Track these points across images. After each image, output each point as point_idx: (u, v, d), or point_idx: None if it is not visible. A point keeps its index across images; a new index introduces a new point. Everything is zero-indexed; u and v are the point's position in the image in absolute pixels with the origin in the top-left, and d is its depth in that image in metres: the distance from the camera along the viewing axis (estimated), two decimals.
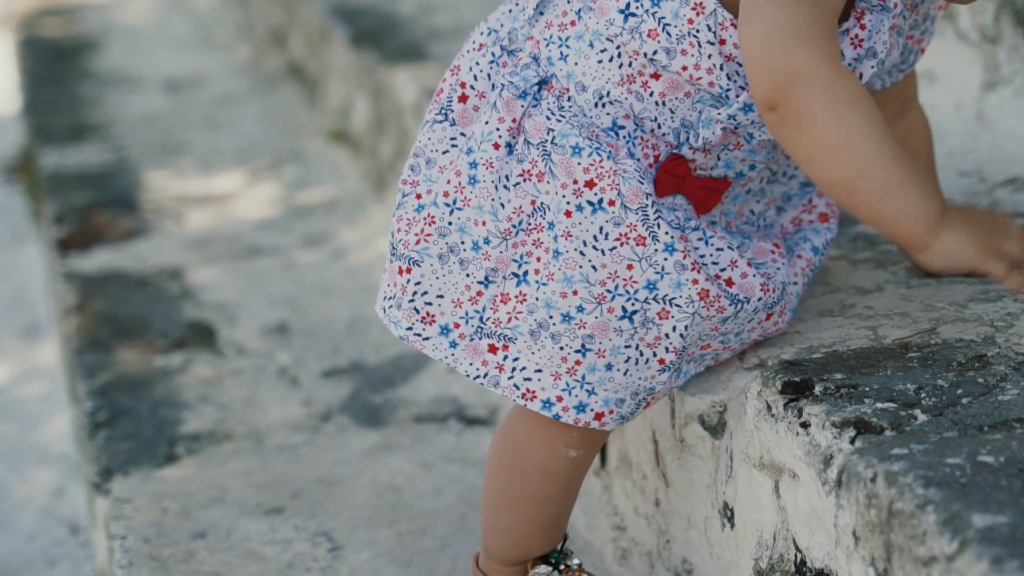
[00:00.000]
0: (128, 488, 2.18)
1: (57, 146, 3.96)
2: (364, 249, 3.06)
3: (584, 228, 1.55)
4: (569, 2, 1.61)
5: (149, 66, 4.77)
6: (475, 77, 1.63)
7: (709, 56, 1.54)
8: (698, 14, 1.53)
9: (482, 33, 1.66)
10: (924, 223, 1.58)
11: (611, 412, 1.59)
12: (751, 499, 1.61)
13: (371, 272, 2.94)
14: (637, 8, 1.55)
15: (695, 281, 1.57)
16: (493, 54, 1.63)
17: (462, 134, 1.63)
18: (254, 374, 2.54)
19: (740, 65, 1.55)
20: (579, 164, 1.55)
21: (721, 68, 1.55)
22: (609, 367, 1.58)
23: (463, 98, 1.63)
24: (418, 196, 1.62)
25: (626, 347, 1.58)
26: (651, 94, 1.58)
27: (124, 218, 3.37)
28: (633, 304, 1.57)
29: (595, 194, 1.55)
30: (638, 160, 1.59)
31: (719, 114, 1.57)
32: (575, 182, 1.55)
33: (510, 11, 1.67)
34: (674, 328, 1.58)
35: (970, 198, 2.04)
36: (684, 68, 1.55)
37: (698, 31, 1.53)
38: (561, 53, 1.60)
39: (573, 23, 1.60)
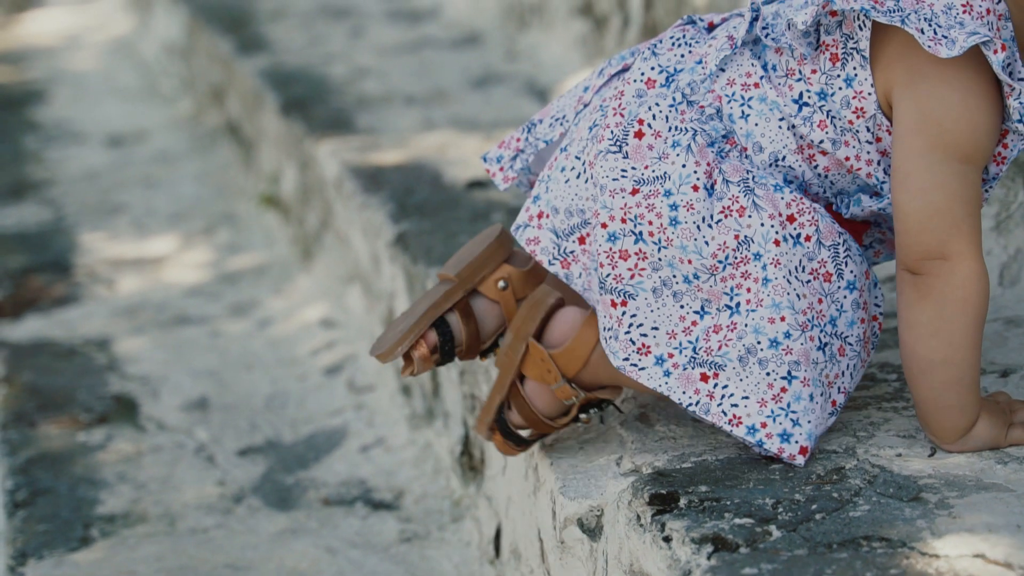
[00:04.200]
0: (40, 573, 2.23)
1: None
2: (288, 319, 3.11)
3: (789, 258, 1.64)
4: (753, 65, 1.69)
5: (93, 118, 4.81)
6: (654, 116, 1.69)
7: (868, 152, 1.66)
8: (858, 117, 1.65)
9: (653, 68, 1.72)
10: (969, 421, 1.66)
11: (808, 450, 1.64)
12: None
13: (293, 345, 3.00)
14: (809, 99, 1.66)
15: (862, 320, 1.68)
16: (674, 99, 1.70)
17: (632, 167, 1.68)
18: (173, 451, 2.59)
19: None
20: (782, 199, 1.65)
21: (879, 163, 1.67)
22: (811, 397, 1.64)
23: (639, 135, 1.69)
24: (603, 225, 1.67)
25: (819, 380, 1.65)
26: (815, 167, 1.69)
27: (58, 283, 3.41)
28: (825, 336, 1.65)
29: (795, 228, 1.65)
30: None
31: (872, 204, 1.68)
32: (779, 214, 1.64)
33: (682, 56, 1.73)
34: (848, 366, 1.67)
35: None
36: (847, 158, 1.67)
37: (857, 131, 1.65)
38: (743, 112, 1.69)
39: (756, 85, 1.69)
